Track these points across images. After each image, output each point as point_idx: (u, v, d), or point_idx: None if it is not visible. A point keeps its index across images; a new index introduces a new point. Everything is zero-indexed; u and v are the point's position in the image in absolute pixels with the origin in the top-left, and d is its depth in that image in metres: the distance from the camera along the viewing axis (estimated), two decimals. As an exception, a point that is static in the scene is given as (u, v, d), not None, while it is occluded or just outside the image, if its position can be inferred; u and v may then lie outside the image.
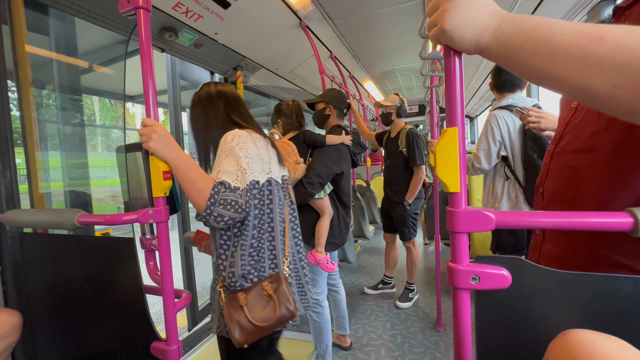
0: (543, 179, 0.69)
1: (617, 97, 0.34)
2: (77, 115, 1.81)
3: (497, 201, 1.66)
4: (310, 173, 1.45)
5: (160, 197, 0.81)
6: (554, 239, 0.64)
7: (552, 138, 0.69)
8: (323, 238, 1.52)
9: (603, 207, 0.52)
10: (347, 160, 1.61)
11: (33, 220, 0.90)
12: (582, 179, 0.56)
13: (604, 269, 0.52)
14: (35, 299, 1.01)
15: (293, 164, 1.40)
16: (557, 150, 0.65)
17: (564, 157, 0.62)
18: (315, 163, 1.48)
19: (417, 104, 5.23)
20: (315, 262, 1.51)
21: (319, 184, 1.45)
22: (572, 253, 0.59)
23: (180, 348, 0.84)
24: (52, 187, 1.64)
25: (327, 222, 1.53)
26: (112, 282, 0.90)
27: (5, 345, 0.84)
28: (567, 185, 0.60)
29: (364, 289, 2.68)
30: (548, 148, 0.69)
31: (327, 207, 1.54)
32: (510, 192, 1.61)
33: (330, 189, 1.56)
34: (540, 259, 0.67)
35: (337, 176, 1.56)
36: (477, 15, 0.41)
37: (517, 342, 0.46)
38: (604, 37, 0.34)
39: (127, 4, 0.77)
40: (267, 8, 1.74)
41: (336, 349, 1.87)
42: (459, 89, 0.46)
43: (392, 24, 2.20)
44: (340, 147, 1.56)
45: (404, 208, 2.27)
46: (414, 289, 2.48)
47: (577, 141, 0.59)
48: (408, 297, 2.43)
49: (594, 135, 0.54)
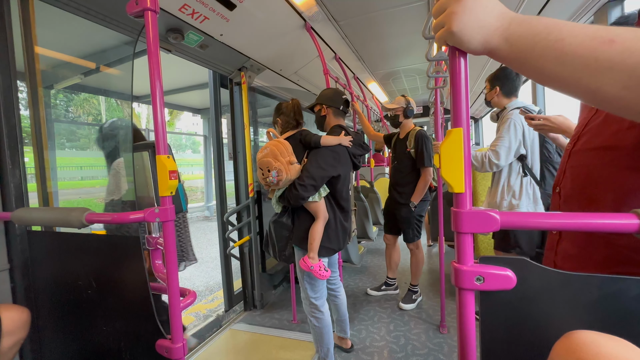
0: (560, 178, 0.69)
1: (627, 99, 0.35)
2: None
3: (515, 198, 1.70)
4: (303, 175, 1.40)
5: (166, 196, 0.82)
6: (571, 238, 0.64)
7: (571, 137, 0.69)
8: (316, 243, 1.44)
9: (621, 206, 0.52)
10: (346, 163, 1.53)
11: (41, 219, 0.91)
12: (601, 178, 0.57)
13: (622, 268, 0.52)
14: (42, 296, 1.02)
15: (285, 164, 1.37)
16: (576, 149, 0.65)
17: (583, 156, 0.62)
18: (310, 164, 1.42)
19: (421, 105, 5.22)
20: (307, 268, 1.43)
21: (312, 186, 1.39)
22: (589, 252, 0.59)
23: (185, 346, 0.85)
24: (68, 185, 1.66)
25: (321, 226, 1.46)
26: (118, 280, 0.91)
27: (13, 341, 0.86)
28: (585, 184, 0.60)
29: (367, 290, 2.67)
30: (566, 147, 0.69)
31: (322, 211, 1.47)
32: (527, 189, 1.69)
33: (326, 192, 1.50)
34: (557, 258, 0.67)
35: (334, 179, 1.48)
36: (485, 17, 0.41)
37: (522, 343, 0.46)
38: (614, 41, 0.34)
39: (136, 6, 0.79)
40: (272, 9, 1.75)
41: (338, 350, 1.87)
42: (464, 90, 0.46)
43: (397, 25, 2.20)
44: (338, 148, 1.48)
45: (409, 209, 2.25)
46: (417, 290, 2.45)
47: (598, 139, 0.59)
48: (411, 299, 2.41)
49: (616, 134, 0.55)
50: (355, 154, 1.58)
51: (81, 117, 5.34)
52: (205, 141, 7.11)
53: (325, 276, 1.44)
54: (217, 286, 3.20)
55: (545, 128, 1.17)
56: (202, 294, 3.05)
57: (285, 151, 1.40)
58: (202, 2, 1.48)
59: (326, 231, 1.49)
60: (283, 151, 1.40)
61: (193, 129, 13.62)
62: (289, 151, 1.41)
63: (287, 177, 1.37)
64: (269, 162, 1.38)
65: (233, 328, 2.19)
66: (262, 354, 1.89)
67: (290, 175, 1.38)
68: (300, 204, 1.44)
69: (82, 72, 2.73)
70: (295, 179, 1.40)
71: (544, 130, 1.19)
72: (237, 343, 2.02)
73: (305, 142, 1.49)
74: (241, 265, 2.43)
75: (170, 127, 11.74)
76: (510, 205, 1.71)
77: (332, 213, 1.53)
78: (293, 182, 1.40)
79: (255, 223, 2.33)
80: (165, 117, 0.83)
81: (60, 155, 2.35)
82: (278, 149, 1.40)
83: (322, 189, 1.47)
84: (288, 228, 1.54)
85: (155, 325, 0.87)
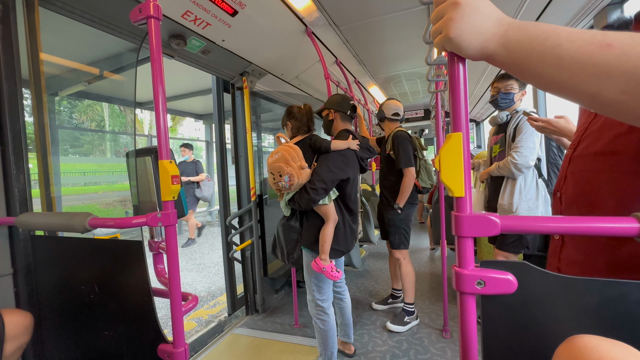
0: (561, 183, 0.68)
1: (625, 103, 0.35)
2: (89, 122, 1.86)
3: (531, 201, 1.71)
4: (314, 178, 1.42)
5: (168, 201, 0.83)
6: (575, 244, 0.63)
7: (571, 143, 0.69)
8: (327, 245, 1.47)
9: (624, 211, 0.52)
10: (354, 166, 1.56)
11: (45, 223, 0.92)
12: (603, 183, 0.56)
13: (628, 274, 0.52)
14: (45, 300, 1.03)
15: (297, 169, 1.38)
16: (576, 154, 0.65)
17: (583, 161, 0.62)
18: (320, 168, 1.45)
19: (422, 108, 5.23)
20: (319, 269, 1.46)
21: (323, 189, 1.41)
22: (594, 258, 0.58)
23: (186, 351, 0.85)
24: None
25: (332, 228, 1.49)
26: (121, 284, 0.91)
27: (17, 345, 0.86)
28: (587, 189, 0.60)
29: (372, 305, 2.47)
30: (566, 152, 0.69)
31: (332, 214, 1.50)
32: (541, 190, 1.72)
33: (336, 194, 1.53)
34: (561, 264, 0.66)
35: (343, 182, 1.52)
36: (482, 23, 0.42)
37: (523, 347, 0.46)
38: (612, 45, 0.34)
39: (139, 14, 0.80)
40: (274, 15, 1.77)
41: (341, 355, 1.85)
42: (463, 95, 0.46)
43: (397, 29, 2.21)
44: (347, 152, 1.51)
45: (395, 212, 2.14)
46: (413, 311, 2.16)
47: (598, 144, 0.59)
48: (403, 321, 2.12)
49: (617, 139, 0.54)
50: (363, 157, 1.62)
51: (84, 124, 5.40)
52: (207, 146, 7.14)
53: (337, 277, 1.47)
54: (219, 291, 3.19)
55: (546, 130, 1.17)
56: (204, 299, 3.04)
57: (296, 156, 1.42)
58: (204, 9, 1.50)
59: (335, 233, 1.52)
60: (294, 156, 1.42)
61: (195, 134, 13.70)
62: (300, 156, 1.43)
63: (299, 181, 1.39)
64: (280, 167, 1.40)
65: (235, 332, 2.18)
66: (264, 358, 1.88)
67: (301, 180, 1.40)
68: (311, 207, 1.47)
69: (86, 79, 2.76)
70: (306, 182, 1.43)
71: (545, 132, 1.20)
72: (239, 347, 2.01)
73: (315, 147, 1.51)
74: (243, 269, 2.43)
75: (172, 132, 11.78)
76: (528, 207, 1.71)
77: (341, 215, 1.56)
78: (304, 185, 1.43)
79: (257, 227, 2.34)
80: (167, 123, 0.84)
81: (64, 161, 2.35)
82: (289, 154, 1.42)
83: (332, 192, 1.50)
84: (297, 231, 1.57)
85: (158, 330, 0.87)
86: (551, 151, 1.92)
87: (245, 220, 2.40)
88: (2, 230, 1.00)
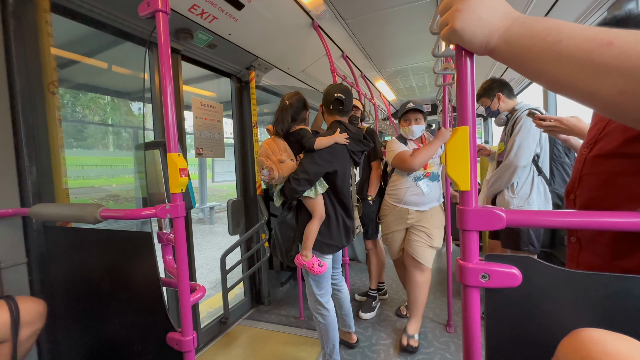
0: (575, 184, 0.66)
1: (623, 104, 0.34)
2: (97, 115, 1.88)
3: (523, 198, 1.72)
4: (298, 169, 1.41)
5: (177, 193, 0.84)
6: (593, 249, 0.62)
7: (584, 142, 0.66)
8: (310, 241, 1.44)
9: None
10: (343, 158, 1.51)
11: (58, 214, 0.95)
12: (621, 186, 0.54)
13: None
14: (58, 289, 1.06)
15: (276, 162, 1.39)
16: (592, 154, 0.62)
17: (600, 162, 0.60)
18: (305, 159, 1.43)
19: (429, 102, 5.17)
20: (300, 264, 1.46)
21: (305, 180, 1.39)
22: (613, 263, 0.56)
23: (194, 339, 0.87)
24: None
25: (316, 225, 1.46)
26: (130, 275, 0.94)
27: (31, 331, 0.89)
28: (603, 192, 0.58)
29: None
30: (581, 152, 0.67)
31: (318, 210, 1.46)
32: (539, 187, 1.72)
33: (325, 188, 1.49)
34: (579, 269, 0.64)
35: (331, 175, 1.47)
36: (487, 17, 0.41)
37: (527, 340, 0.46)
38: (613, 43, 0.33)
39: (147, 8, 0.80)
40: (280, 8, 1.76)
41: (344, 347, 1.88)
42: (470, 89, 0.46)
43: (404, 23, 2.18)
44: (334, 144, 1.47)
45: (368, 204, 2.21)
46: (376, 296, 2.36)
47: (615, 144, 0.57)
48: (371, 306, 2.29)
49: (636, 141, 0.52)
50: (354, 150, 1.56)
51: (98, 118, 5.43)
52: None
53: (321, 271, 1.46)
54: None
55: (556, 130, 1.14)
56: (209, 292, 3.09)
57: (277, 149, 1.43)
58: (211, 2, 1.50)
59: (328, 228, 1.50)
60: (275, 149, 1.43)
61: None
62: (281, 149, 1.43)
63: (280, 174, 1.39)
64: (261, 161, 1.43)
65: (241, 324, 2.22)
66: (269, 349, 1.91)
67: (283, 173, 1.40)
68: (295, 198, 1.44)
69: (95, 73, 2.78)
70: (291, 173, 1.42)
71: (555, 132, 1.17)
72: (245, 338, 2.05)
73: (301, 144, 1.48)
74: (249, 262, 2.46)
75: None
76: (520, 203, 1.70)
77: (333, 210, 1.52)
78: (289, 176, 1.43)
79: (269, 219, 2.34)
80: (175, 116, 0.85)
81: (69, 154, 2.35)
82: (270, 147, 1.44)
83: (318, 186, 1.46)
84: (293, 227, 1.56)
85: (166, 319, 0.89)
86: (555, 148, 1.88)
87: (252, 213, 2.42)
88: (16, 221, 1.03)
